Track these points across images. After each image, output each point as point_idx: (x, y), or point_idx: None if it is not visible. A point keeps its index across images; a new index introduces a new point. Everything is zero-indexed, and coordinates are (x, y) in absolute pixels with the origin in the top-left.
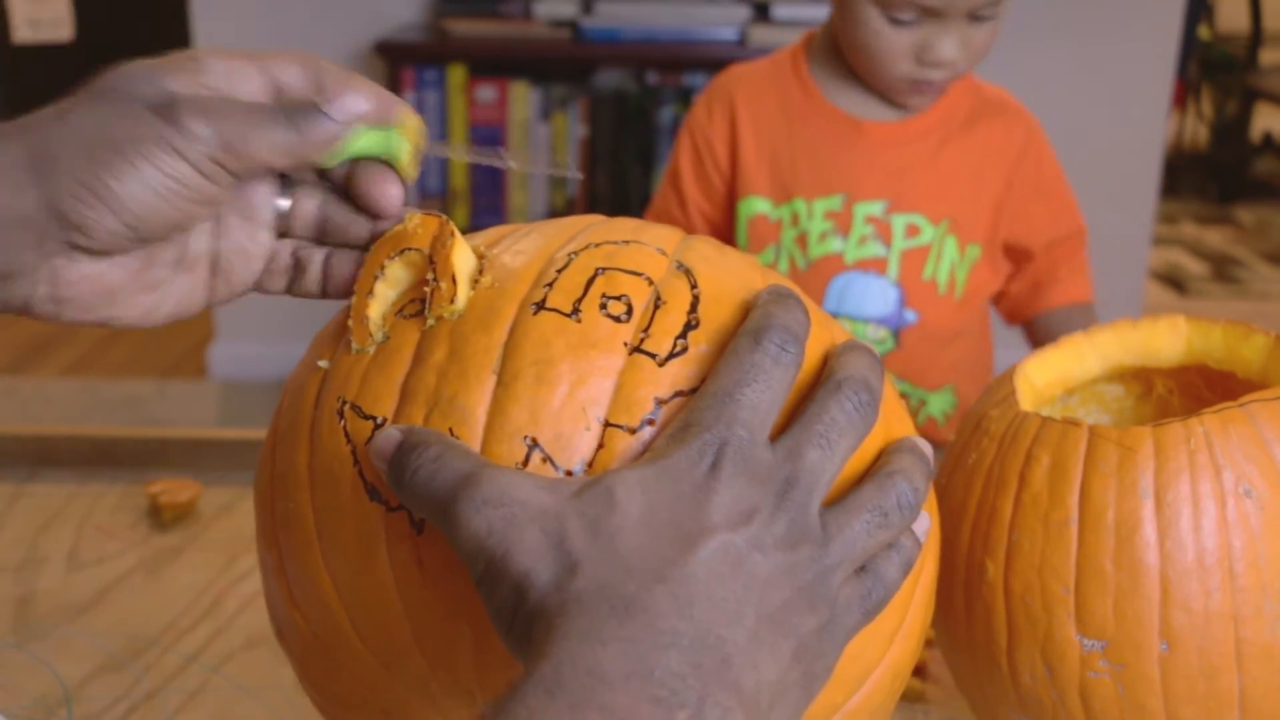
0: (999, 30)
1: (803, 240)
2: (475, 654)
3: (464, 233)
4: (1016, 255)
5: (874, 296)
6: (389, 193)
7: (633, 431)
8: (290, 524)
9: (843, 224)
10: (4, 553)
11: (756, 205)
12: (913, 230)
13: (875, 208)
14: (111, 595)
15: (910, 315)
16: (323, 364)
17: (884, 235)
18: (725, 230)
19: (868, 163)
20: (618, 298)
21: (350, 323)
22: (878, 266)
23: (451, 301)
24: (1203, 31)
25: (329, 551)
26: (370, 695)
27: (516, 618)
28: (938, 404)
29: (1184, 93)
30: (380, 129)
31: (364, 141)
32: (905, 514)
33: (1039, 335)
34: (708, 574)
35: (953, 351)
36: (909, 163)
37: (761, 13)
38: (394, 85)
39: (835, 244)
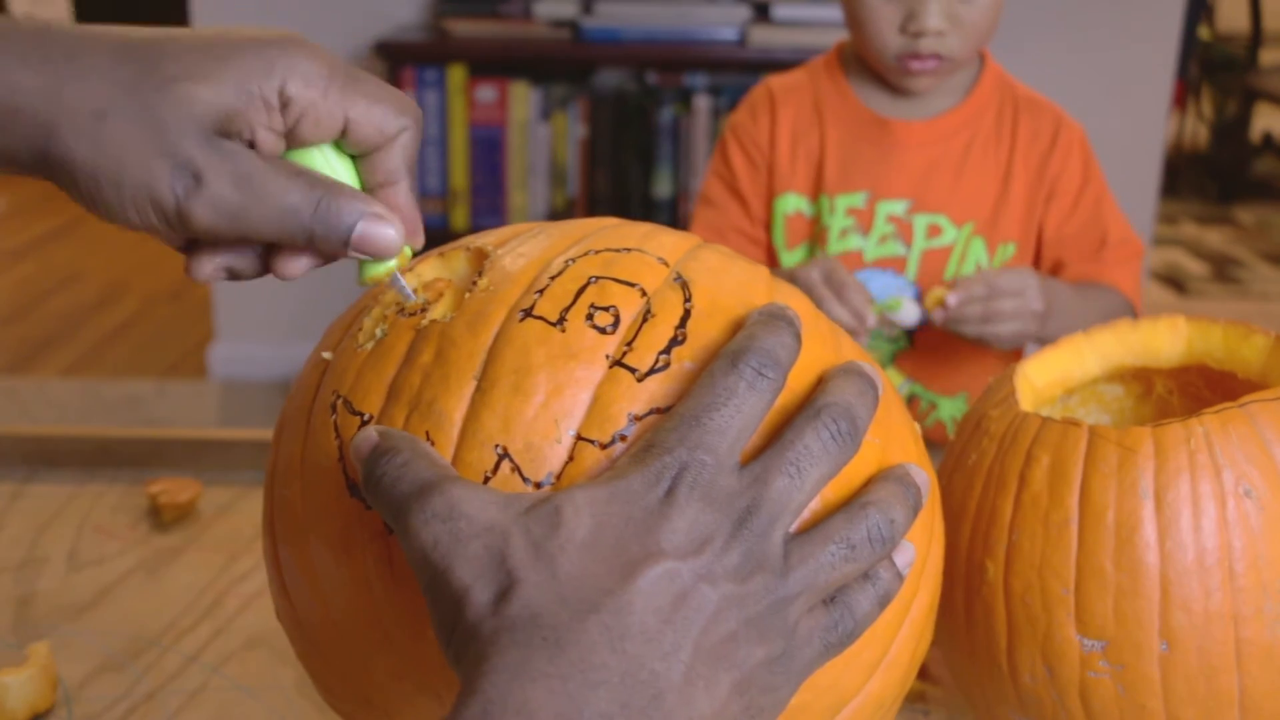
0: (999, 14)
1: (822, 236)
2: (442, 658)
3: (464, 233)
4: (1039, 251)
5: (890, 294)
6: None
7: (604, 447)
8: (285, 512)
9: (864, 221)
10: (4, 553)
11: (793, 202)
12: (934, 230)
13: (898, 207)
14: (111, 595)
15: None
16: (327, 355)
17: (905, 235)
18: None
19: (893, 161)
20: (606, 308)
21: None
22: (896, 265)
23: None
24: (1203, 31)
25: (315, 543)
26: (354, 684)
27: (454, 634)
28: (949, 409)
29: (1184, 93)
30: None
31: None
32: (876, 547)
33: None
34: (644, 605)
35: (972, 360)
36: (935, 163)
37: (761, 13)
38: (394, 85)
39: (855, 241)
